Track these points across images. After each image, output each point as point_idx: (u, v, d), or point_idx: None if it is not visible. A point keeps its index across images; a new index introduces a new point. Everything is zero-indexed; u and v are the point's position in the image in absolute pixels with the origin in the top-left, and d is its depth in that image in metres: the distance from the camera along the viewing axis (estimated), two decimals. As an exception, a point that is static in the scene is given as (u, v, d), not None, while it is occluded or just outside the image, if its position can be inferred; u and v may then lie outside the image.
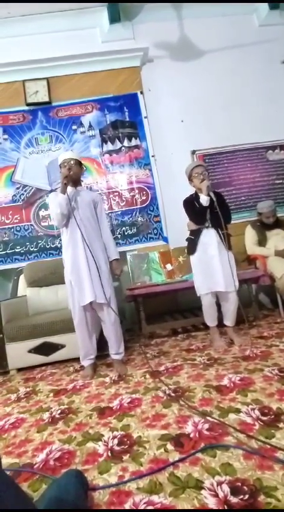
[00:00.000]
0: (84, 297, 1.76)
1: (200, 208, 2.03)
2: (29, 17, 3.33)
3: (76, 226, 1.80)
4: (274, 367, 1.51)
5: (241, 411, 1.14)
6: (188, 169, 2.13)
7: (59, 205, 1.77)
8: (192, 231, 2.16)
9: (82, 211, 1.86)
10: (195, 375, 1.59)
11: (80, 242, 1.79)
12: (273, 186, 3.42)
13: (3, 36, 3.35)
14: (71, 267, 1.80)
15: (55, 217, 1.82)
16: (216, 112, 3.42)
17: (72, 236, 1.82)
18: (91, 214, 1.90)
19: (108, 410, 1.33)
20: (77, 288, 1.78)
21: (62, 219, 1.81)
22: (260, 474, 0.80)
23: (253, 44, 3.59)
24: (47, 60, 3.26)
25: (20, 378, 2.02)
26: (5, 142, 3.23)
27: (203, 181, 2.01)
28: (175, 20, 3.55)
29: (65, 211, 1.79)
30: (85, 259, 1.78)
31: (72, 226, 1.82)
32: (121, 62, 3.36)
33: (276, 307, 2.83)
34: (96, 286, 1.76)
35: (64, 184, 1.78)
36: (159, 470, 0.88)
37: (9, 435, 1.24)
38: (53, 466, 0.98)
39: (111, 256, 1.93)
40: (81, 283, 1.77)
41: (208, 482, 0.80)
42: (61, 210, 1.77)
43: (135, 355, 2.13)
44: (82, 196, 1.90)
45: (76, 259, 1.80)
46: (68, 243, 1.84)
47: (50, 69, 3.29)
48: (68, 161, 1.87)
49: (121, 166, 3.28)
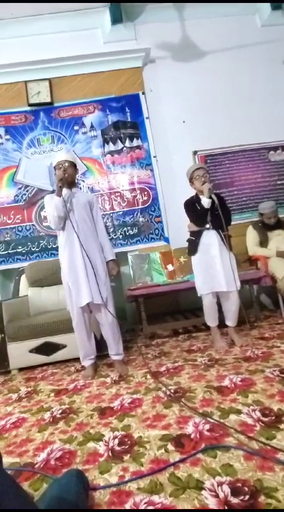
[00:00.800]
0: (81, 299, 1.76)
1: (201, 211, 2.03)
2: (31, 18, 3.35)
3: (72, 228, 1.79)
4: (275, 368, 1.51)
5: (242, 412, 1.14)
6: (189, 172, 2.13)
7: (55, 208, 1.76)
8: (192, 232, 2.16)
9: (78, 212, 1.85)
10: (196, 375, 1.59)
11: (76, 244, 1.79)
12: (275, 186, 3.41)
13: (6, 37, 3.37)
14: (67, 269, 1.80)
15: (52, 220, 1.81)
16: (218, 113, 3.42)
17: (69, 238, 1.82)
18: (87, 215, 1.89)
19: (109, 411, 1.33)
20: (74, 289, 1.78)
21: (58, 222, 1.80)
22: (261, 475, 0.80)
23: (255, 45, 3.59)
24: (49, 61, 3.27)
25: (21, 378, 2.02)
26: (7, 143, 3.24)
27: (204, 183, 2.02)
28: (177, 21, 3.55)
29: (62, 213, 1.78)
30: (82, 260, 1.78)
31: (68, 228, 1.81)
32: (123, 63, 3.37)
33: (277, 308, 2.82)
34: (92, 287, 1.76)
35: (59, 187, 1.78)
36: (160, 471, 0.88)
37: (10, 434, 1.25)
38: (54, 466, 0.99)
39: (107, 257, 1.93)
40: (78, 284, 1.77)
41: (208, 483, 0.80)
42: (57, 213, 1.77)
43: (135, 356, 2.13)
44: (77, 198, 1.89)
45: (73, 260, 1.80)
46: (64, 244, 1.84)
47: (52, 69, 3.30)
48: (62, 163, 1.86)
49: (122, 166, 3.28)
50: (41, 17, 3.35)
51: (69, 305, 1.86)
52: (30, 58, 3.24)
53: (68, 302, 1.86)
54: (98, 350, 1.96)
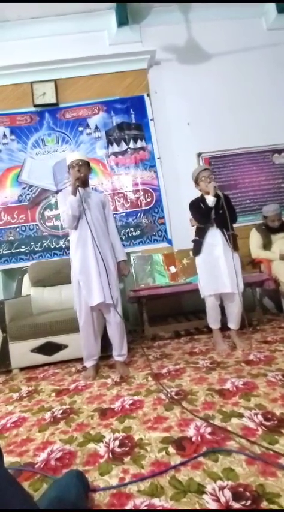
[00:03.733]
0: (92, 298, 1.75)
1: (205, 209, 2.04)
2: (38, 19, 3.38)
3: (88, 226, 1.79)
4: (277, 372, 1.49)
5: (244, 416, 1.13)
6: (195, 173, 2.14)
7: (70, 207, 1.77)
8: (197, 232, 2.16)
9: (93, 212, 1.86)
10: (198, 378, 1.58)
11: (90, 243, 1.79)
12: (279, 189, 3.40)
13: (13, 39, 3.40)
14: (79, 267, 1.79)
15: (66, 219, 1.81)
16: (222, 115, 3.42)
17: (82, 236, 1.81)
18: (100, 215, 1.90)
19: (110, 412, 1.32)
20: (86, 288, 1.77)
21: (73, 221, 1.81)
22: (263, 480, 0.79)
23: (261, 48, 3.59)
24: (55, 62, 3.30)
25: (23, 377, 2.02)
26: (12, 143, 3.27)
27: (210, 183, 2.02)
28: (183, 23, 3.57)
29: (77, 213, 1.79)
30: (95, 259, 1.78)
31: (83, 226, 1.81)
32: (129, 65, 3.38)
33: (280, 312, 2.80)
34: (104, 287, 1.76)
35: (76, 186, 1.78)
36: (160, 474, 0.87)
37: (10, 434, 1.25)
38: (54, 466, 0.98)
39: (118, 257, 1.93)
40: (90, 283, 1.76)
41: (209, 487, 0.79)
42: (72, 212, 1.77)
43: (137, 357, 2.13)
44: (92, 197, 1.90)
45: (86, 259, 1.79)
46: (77, 243, 1.83)
47: (58, 71, 3.33)
48: (77, 162, 1.85)
49: (126, 168, 3.29)
50: (47, 19, 3.38)
51: (77, 304, 1.84)
52: (36, 59, 3.27)
53: (76, 301, 1.85)
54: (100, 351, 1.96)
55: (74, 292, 1.86)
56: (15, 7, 3.21)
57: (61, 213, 1.86)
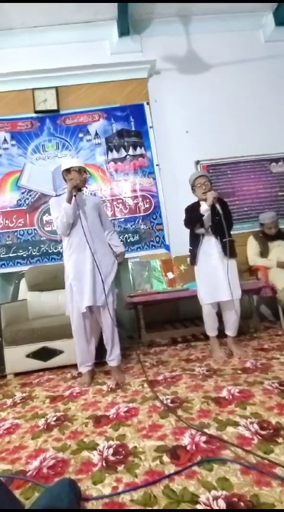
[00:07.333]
0: (83, 302, 1.75)
1: (196, 215, 2.05)
2: (42, 28, 3.44)
3: (82, 232, 1.79)
4: (274, 380, 1.49)
5: (240, 424, 1.12)
6: (191, 179, 2.16)
7: (65, 214, 1.77)
8: (191, 242, 2.16)
9: (88, 216, 1.87)
10: (194, 385, 1.57)
11: (86, 248, 1.79)
12: (276, 197, 3.43)
13: (17, 46, 3.46)
14: (73, 272, 1.80)
15: (60, 226, 1.81)
16: (221, 124, 3.48)
17: (77, 242, 1.82)
18: (95, 219, 1.92)
19: (104, 419, 1.31)
20: (78, 293, 1.77)
21: (67, 228, 1.81)
22: (258, 490, 0.78)
23: (259, 59, 3.66)
24: (57, 70, 3.35)
25: (17, 383, 2.00)
26: (13, 148, 3.29)
27: (207, 192, 2.03)
28: (183, 35, 3.64)
29: (71, 220, 1.80)
30: (90, 265, 1.78)
31: (78, 231, 1.81)
32: (129, 74, 3.44)
33: (277, 320, 2.80)
34: (97, 291, 1.76)
35: (73, 195, 1.78)
36: (154, 483, 0.86)
37: (3, 441, 1.23)
38: (46, 474, 0.96)
39: (117, 250, 1.98)
40: (82, 288, 1.77)
41: (203, 497, 0.78)
42: (67, 219, 1.78)
43: (133, 364, 2.11)
44: (86, 203, 1.91)
45: (81, 264, 1.79)
46: (71, 248, 1.83)
47: (60, 78, 3.37)
48: (75, 169, 1.86)
49: (125, 174, 3.32)
50: (51, 27, 3.45)
51: (69, 309, 1.84)
52: (39, 67, 3.32)
53: (68, 306, 1.85)
54: (96, 357, 1.94)
55: (67, 297, 1.85)
56: (20, 15, 3.27)
57: (54, 219, 1.86)
